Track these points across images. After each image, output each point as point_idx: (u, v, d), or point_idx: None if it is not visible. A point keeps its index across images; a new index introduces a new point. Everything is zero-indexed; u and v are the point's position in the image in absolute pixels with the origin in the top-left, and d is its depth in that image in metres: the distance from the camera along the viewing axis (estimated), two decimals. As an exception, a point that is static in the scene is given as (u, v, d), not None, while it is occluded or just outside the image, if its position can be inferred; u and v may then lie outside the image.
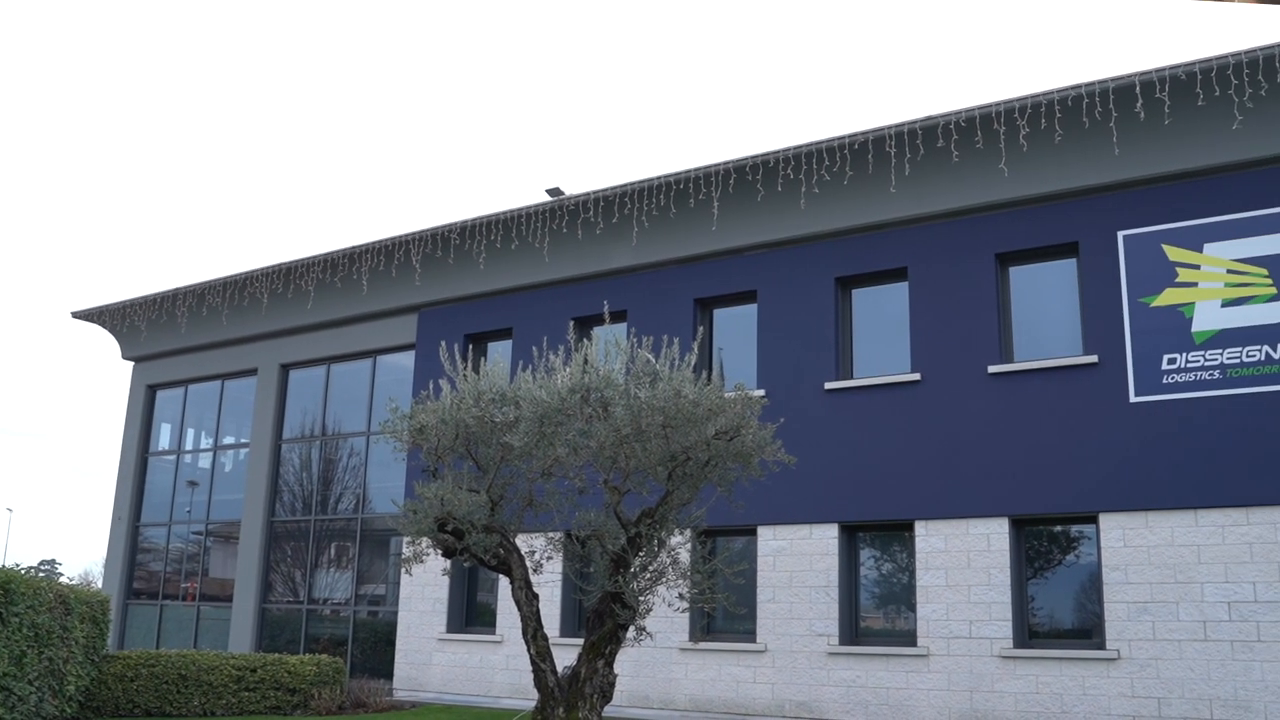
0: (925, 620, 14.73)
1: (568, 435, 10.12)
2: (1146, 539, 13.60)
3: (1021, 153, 14.71)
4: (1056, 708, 13.66)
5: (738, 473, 10.48)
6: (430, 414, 10.60)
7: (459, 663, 18.51)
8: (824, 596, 15.47)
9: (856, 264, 16.38)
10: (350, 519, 21.32)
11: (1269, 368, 13.32)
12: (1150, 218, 14.34)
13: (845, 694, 15.00)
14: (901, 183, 15.56)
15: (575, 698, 10.33)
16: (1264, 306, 13.51)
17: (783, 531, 15.98)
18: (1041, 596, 14.60)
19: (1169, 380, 13.83)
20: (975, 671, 14.23)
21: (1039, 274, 15.31)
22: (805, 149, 15.83)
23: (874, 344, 16.27)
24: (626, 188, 17.37)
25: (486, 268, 19.37)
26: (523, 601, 10.69)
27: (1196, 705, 12.95)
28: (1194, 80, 13.53)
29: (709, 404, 9.89)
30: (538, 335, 16.32)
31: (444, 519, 10.43)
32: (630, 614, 10.30)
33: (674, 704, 16.21)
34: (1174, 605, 13.30)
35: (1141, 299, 14.19)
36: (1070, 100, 14.19)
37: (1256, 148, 13.71)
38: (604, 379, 10.27)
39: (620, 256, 18.18)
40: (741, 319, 17.37)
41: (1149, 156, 14.28)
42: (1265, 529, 12.99)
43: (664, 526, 10.52)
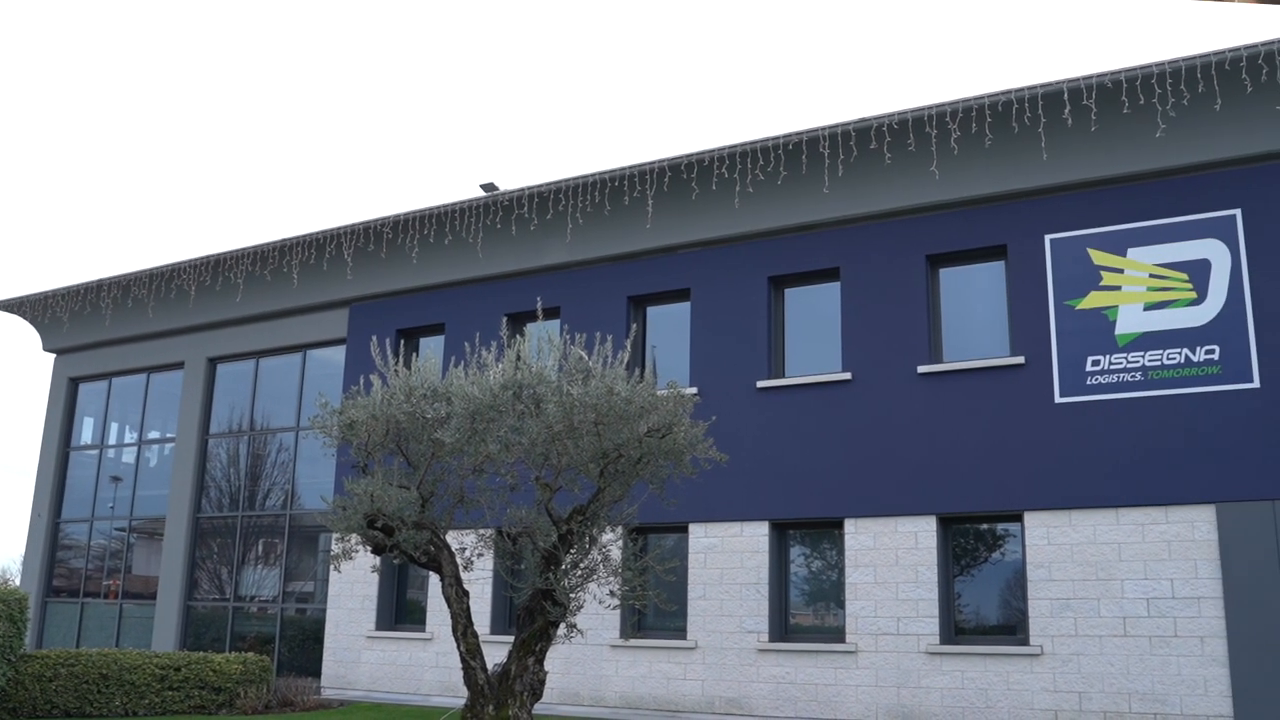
0: (854, 617, 14.89)
1: (499, 432, 10.07)
2: (1069, 537, 13.87)
3: (952, 156, 14.91)
4: (981, 703, 13.89)
5: (669, 470, 10.50)
6: (361, 409, 10.49)
7: (388, 660, 18.36)
8: (754, 594, 15.57)
9: (789, 263, 16.50)
10: (278, 515, 21.05)
11: (1188, 370, 13.64)
12: (1076, 222, 14.62)
13: (774, 690, 15.11)
14: (834, 183, 15.69)
15: (505, 695, 10.29)
16: (1184, 311, 13.83)
17: (714, 529, 16.06)
18: (968, 593, 14.82)
19: (1093, 381, 14.11)
20: (902, 667, 14.41)
21: (968, 275, 15.54)
22: (740, 148, 15.91)
23: (806, 343, 16.40)
24: (561, 184, 17.33)
25: (419, 262, 19.23)
26: (453, 599, 10.63)
27: (1116, 699, 13.23)
28: (1119, 88, 13.81)
29: (641, 401, 9.90)
30: (470, 331, 16.24)
31: (374, 515, 10.33)
32: (561, 611, 10.28)
33: (605, 701, 16.22)
34: (1095, 602, 13.58)
35: (1067, 301, 14.46)
36: (1000, 105, 14.41)
37: (1178, 155, 14.03)
38: (536, 375, 10.23)
39: (554, 253, 18.14)
40: (675, 317, 17.42)
41: (1076, 162, 14.55)
42: (1183, 527, 13.31)
43: (595, 523, 10.52)
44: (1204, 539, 13.20)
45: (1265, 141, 13.64)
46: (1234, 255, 13.71)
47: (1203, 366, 13.60)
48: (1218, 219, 13.89)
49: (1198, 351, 13.67)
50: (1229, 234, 13.79)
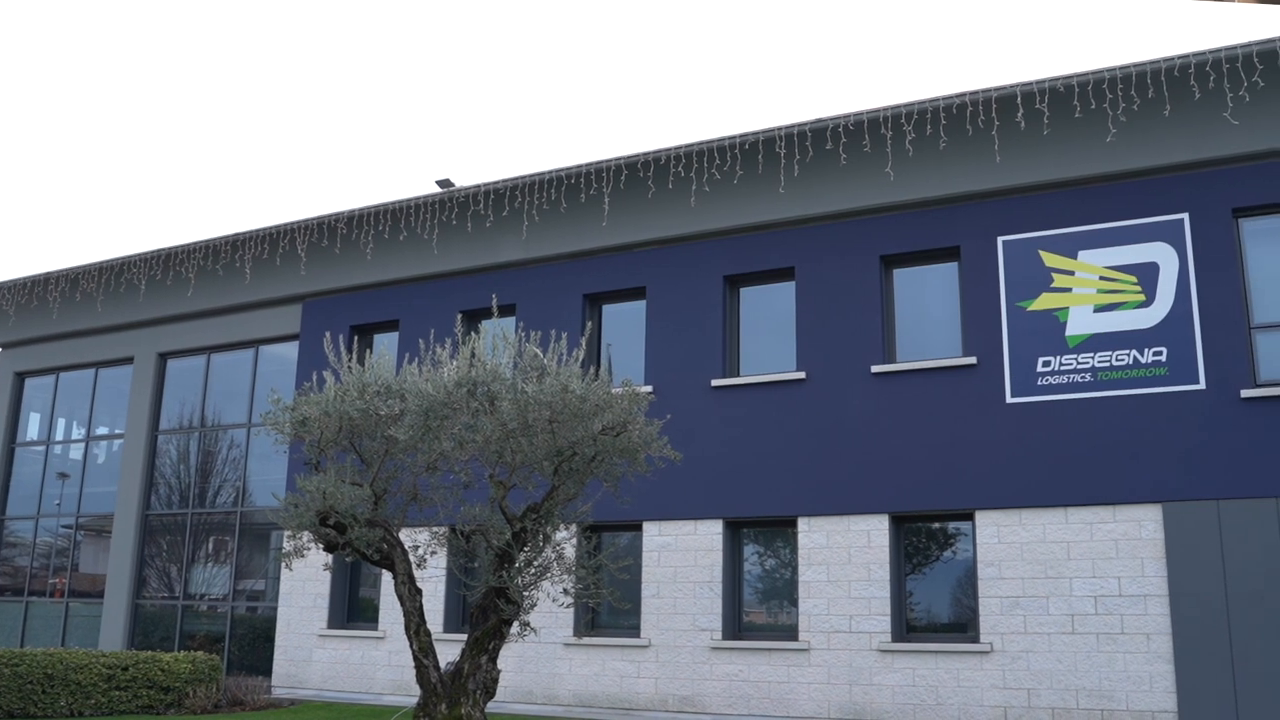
0: (807, 615, 14.97)
1: (453, 429, 10.04)
2: (1020, 535, 14.02)
3: (907, 157, 15.02)
4: (932, 699, 14.01)
5: (624, 468, 10.51)
6: (313, 406, 10.41)
7: (340, 659, 18.23)
8: (708, 592, 15.61)
9: (745, 263, 16.55)
10: (229, 512, 20.84)
11: (1136, 371, 13.84)
12: (1028, 224, 14.78)
13: (727, 688, 15.16)
14: (790, 184, 15.76)
15: (458, 693, 10.25)
16: (1133, 313, 14.02)
17: (668, 527, 16.08)
18: (919, 591, 14.94)
19: (1043, 382, 14.27)
20: (854, 665, 14.51)
21: (922, 276, 15.67)
22: (696, 148, 15.94)
23: (761, 342, 16.47)
24: (517, 181, 17.28)
25: (374, 258, 19.10)
26: (406, 597, 10.58)
27: (1064, 695, 13.40)
28: (1071, 93, 13.97)
29: (596, 399, 9.89)
30: (425, 328, 16.15)
31: (326, 513, 10.26)
32: (514, 609, 10.26)
33: (558, 699, 16.20)
34: (1044, 600, 13.73)
35: (1019, 303, 14.61)
36: (954, 108, 14.54)
37: (1129, 160, 14.23)
38: (491, 373, 10.20)
39: (510, 250, 18.08)
40: (630, 315, 17.42)
41: (1028, 165, 14.71)
42: (1130, 526, 13.50)
43: (549, 521, 10.51)
44: (1150, 538, 13.40)
45: (1212, 147, 13.86)
46: (1181, 259, 13.92)
47: (1150, 368, 13.79)
48: (1166, 223, 14.09)
49: (1146, 353, 13.86)
50: (1177, 238, 14.00)
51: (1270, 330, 13.60)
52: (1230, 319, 13.59)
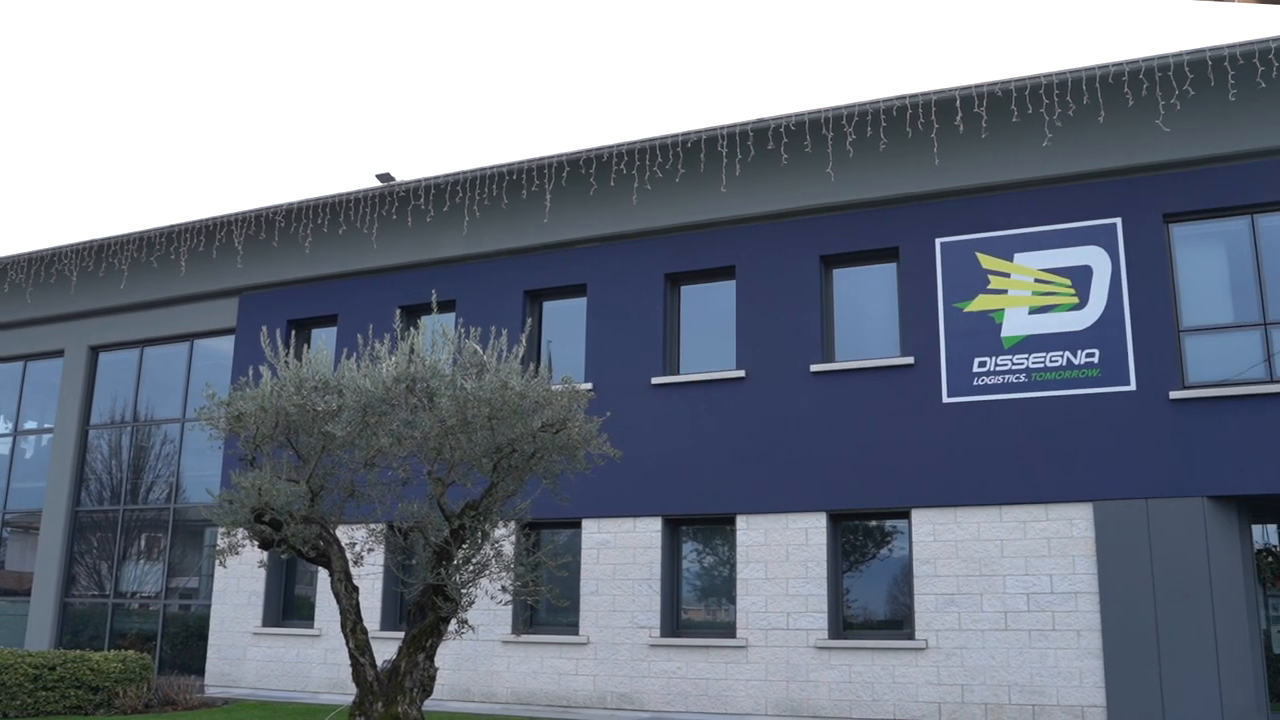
0: (745, 612, 15.04)
1: (392, 425, 9.96)
2: (955, 534, 14.21)
3: (848, 158, 15.15)
4: (868, 696, 14.14)
5: (563, 465, 10.49)
6: (249, 401, 10.27)
7: (275, 657, 18.03)
8: (646, 589, 15.63)
9: (686, 261, 16.60)
10: (162, 509, 20.52)
11: (1070, 372, 14.07)
12: (966, 226, 14.97)
13: (666, 685, 15.20)
14: (732, 182, 15.83)
15: (395, 692, 10.18)
16: (1067, 315, 14.26)
17: (607, 524, 16.08)
18: (856, 589, 15.08)
19: (979, 382, 14.46)
20: (792, 662, 14.61)
21: (861, 276, 15.81)
22: (638, 145, 15.95)
23: (701, 340, 16.52)
24: (458, 176, 17.19)
25: (312, 252, 18.90)
26: (342, 594, 10.48)
27: (996, 691, 13.60)
28: (1009, 97, 14.17)
29: (536, 396, 9.87)
30: (363, 323, 16.03)
31: (261, 509, 10.13)
32: (452, 607, 10.21)
33: (495, 697, 16.14)
34: (978, 597, 13.93)
35: (956, 304, 14.80)
36: (895, 110, 14.68)
37: (1064, 164, 14.46)
38: (430, 369, 10.14)
39: (450, 245, 17.98)
40: (571, 312, 17.40)
41: (967, 167, 14.90)
42: (1062, 524, 13.73)
43: (488, 519, 10.46)
44: (1082, 536, 13.64)
45: (1144, 154, 14.14)
46: (1114, 262, 14.18)
47: (1083, 369, 14.04)
48: (1099, 227, 14.35)
49: (1079, 354, 14.10)
50: (1110, 242, 14.26)
51: (1198, 333, 13.90)
52: (1160, 322, 13.87)
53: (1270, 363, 13.54)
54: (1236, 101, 13.51)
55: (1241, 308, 13.94)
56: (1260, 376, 13.53)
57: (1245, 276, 13.97)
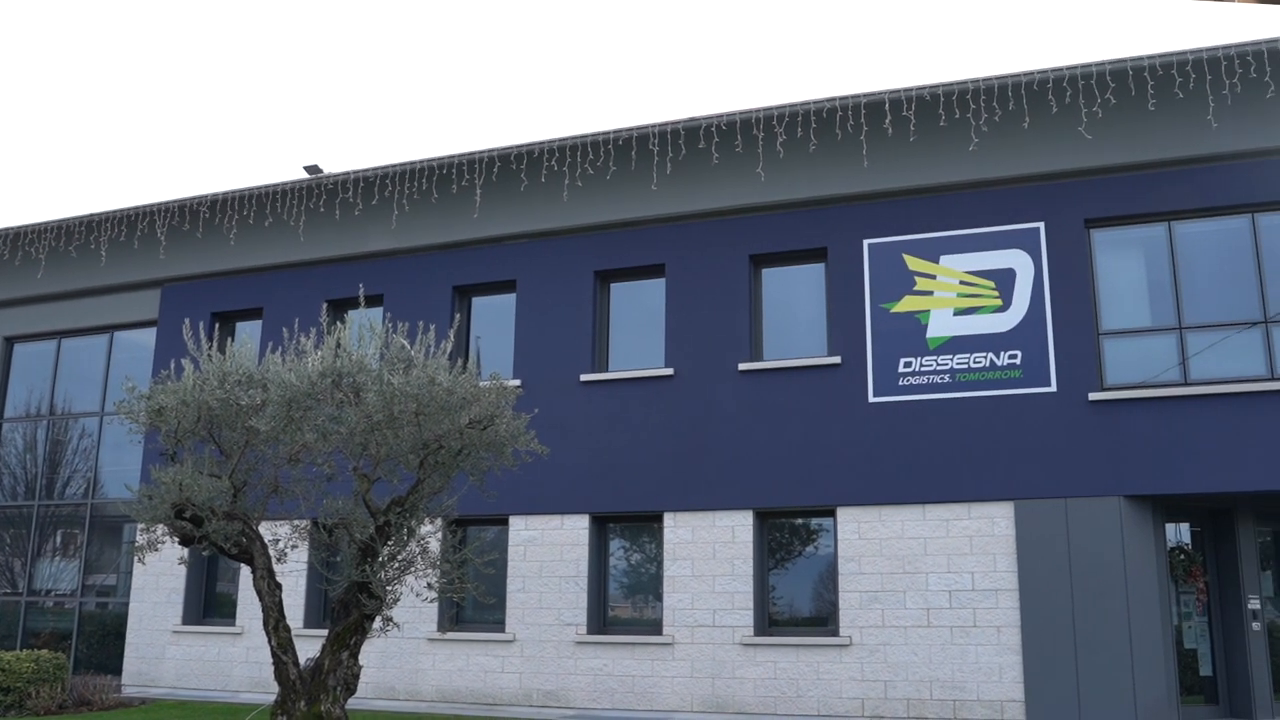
0: (671, 609, 15.10)
1: (317, 420, 9.84)
2: (879, 531, 14.38)
3: (778, 159, 15.25)
4: (792, 692, 14.27)
5: (490, 462, 10.45)
6: (170, 395, 10.10)
7: (195, 656, 17.73)
8: (573, 586, 15.62)
9: (616, 258, 16.61)
10: (79, 505, 20.07)
11: (993, 373, 14.31)
12: (893, 228, 15.15)
13: (592, 682, 15.20)
14: (663, 181, 15.87)
15: (318, 690, 10.07)
16: (991, 316, 14.50)
17: (534, 521, 16.05)
18: (782, 586, 15.21)
19: (904, 382, 14.65)
20: (717, 659, 14.69)
21: (790, 276, 15.93)
22: (570, 141, 15.93)
23: (630, 338, 16.54)
24: (387, 169, 17.03)
25: (237, 244, 18.60)
26: (265, 591, 10.34)
27: (919, 687, 13.79)
28: (937, 101, 14.37)
29: (463, 392, 9.82)
30: (289, 316, 15.82)
31: (182, 505, 9.96)
32: (377, 604, 10.11)
33: (420, 695, 16.03)
34: (902, 594, 14.12)
35: (883, 305, 14.97)
36: (825, 112, 14.81)
37: (989, 169, 14.71)
38: (356, 364, 10.04)
39: (379, 239, 17.81)
40: (500, 308, 17.33)
41: (894, 170, 15.08)
42: (984, 523, 13.96)
43: (414, 515, 10.38)
44: (1003, 534, 13.88)
45: (1067, 160, 14.42)
46: (1037, 265, 14.45)
47: (1006, 370, 14.28)
48: (1023, 231, 14.61)
49: (1001, 356, 14.35)
50: (1033, 245, 14.52)
51: (1117, 336, 14.22)
52: (1080, 325, 14.16)
53: (1185, 366, 13.89)
54: (1156, 111, 13.83)
55: (1158, 312, 14.29)
56: (1175, 379, 13.87)
57: (1162, 281, 14.32)
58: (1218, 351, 13.82)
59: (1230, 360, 13.81)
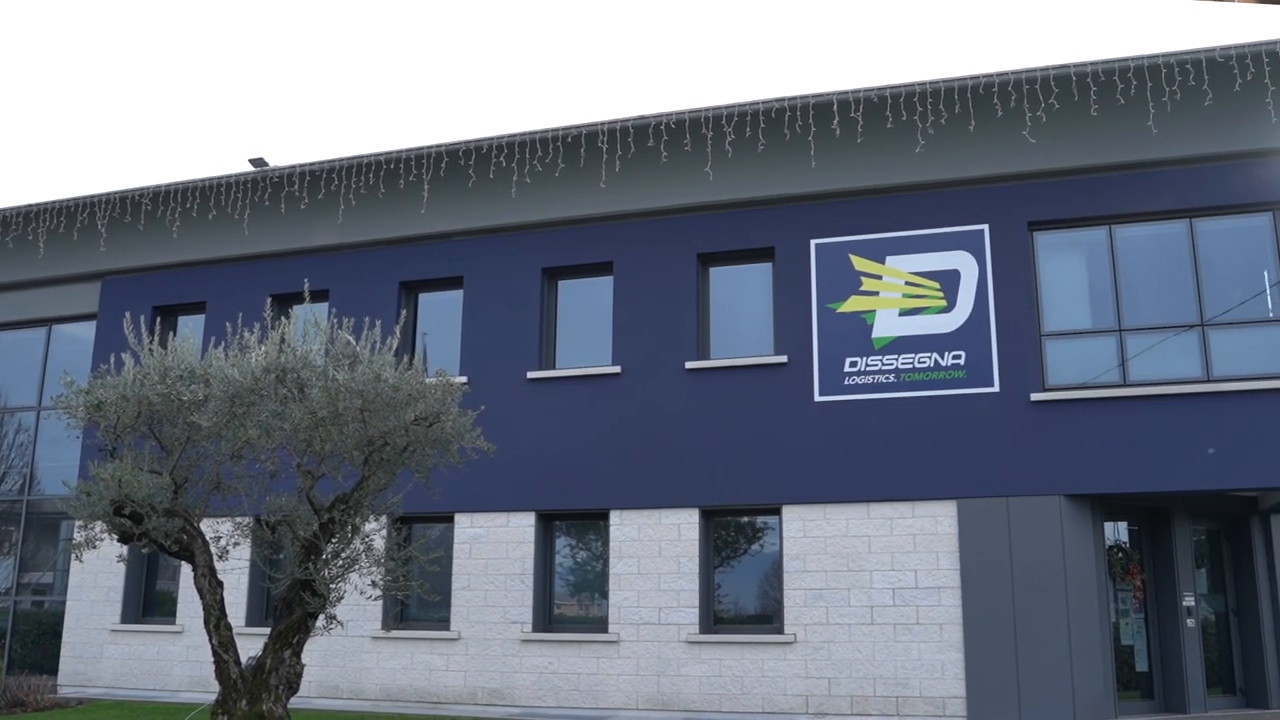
0: (617, 607, 15.11)
1: (260, 416, 9.74)
2: (824, 529, 14.48)
3: (727, 158, 15.30)
4: (737, 689, 14.33)
5: (436, 459, 10.40)
6: (110, 389, 9.94)
7: (134, 655, 17.47)
8: (519, 584, 15.59)
9: (564, 256, 16.59)
10: (15, 501, 19.71)
11: (937, 373, 14.46)
12: (840, 228, 15.26)
13: (537, 680, 15.17)
14: (611, 179, 15.86)
15: (259, 689, 9.96)
16: (935, 317, 14.65)
17: (480, 519, 15.99)
18: (727, 584, 15.27)
19: (850, 382, 14.76)
20: (663, 656, 14.72)
21: (737, 275, 16.00)
22: (519, 138, 15.88)
23: (577, 335, 16.53)
24: (334, 163, 16.87)
25: (180, 237, 18.35)
26: (206, 589, 10.21)
27: (862, 684, 13.91)
28: (885, 103, 14.49)
29: (409, 389, 9.76)
30: (233, 311, 15.61)
31: (121, 502, 9.81)
32: (320, 602, 10.02)
33: (364, 693, 15.91)
34: (846, 592, 14.23)
35: (829, 304, 15.08)
36: (774, 112, 14.88)
37: (935, 171, 14.86)
38: (301, 359, 9.94)
39: (325, 234, 17.64)
40: (447, 304, 17.24)
41: (842, 171, 15.19)
42: (927, 521, 14.11)
43: (359, 512, 10.30)
44: (946, 532, 14.04)
45: (1012, 163, 14.61)
46: (981, 267, 14.62)
47: (950, 370, 14.44)
48: (968, 233, 14.78)
49: (946, 356, 14.50)
50: (977, 247, 14.69)
51: (1058, 338, 14.43)
52: (1023, 326, 14.35)
53: (1125, 367, 14.12)
54: (1098, 116, 14.04)
55: (1099, 314, 14.52)
56: (1115, 380, 14.10)
57: (1103, 284, 14.55)
58: (1156, 354, 14.07)
59: (1168, 362, 14.06)
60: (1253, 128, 13.96)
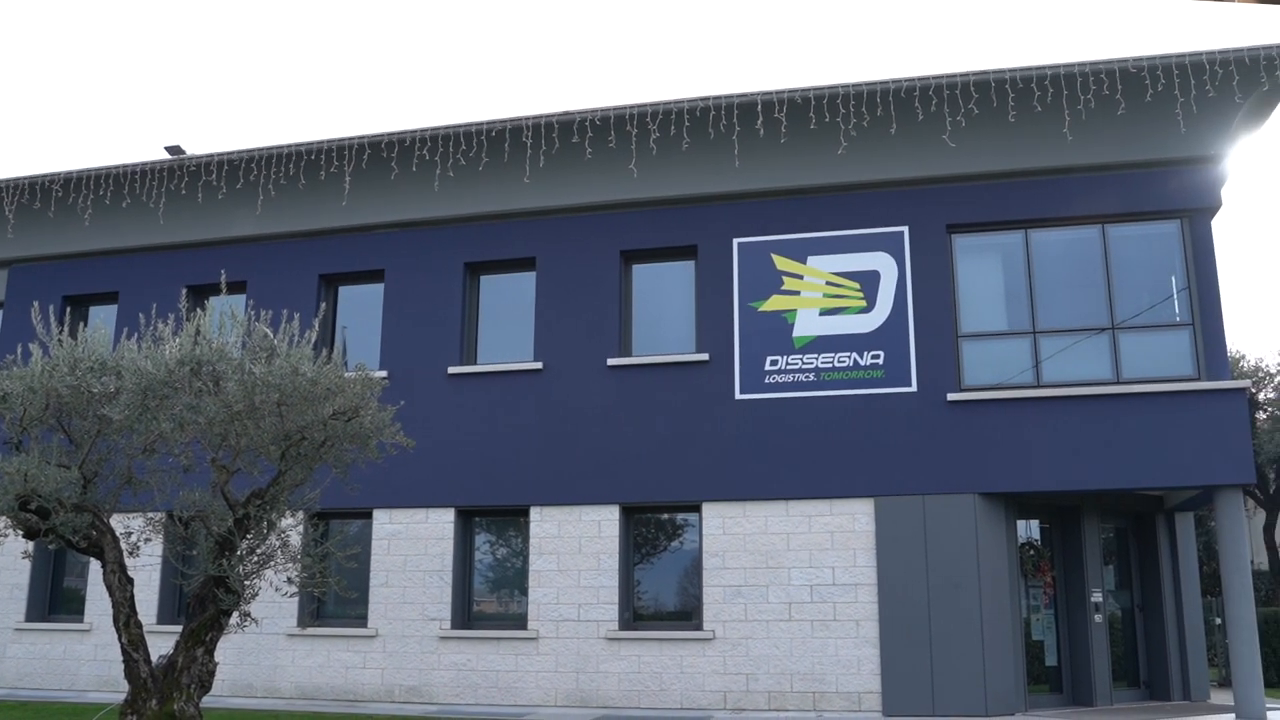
0: (536, 604, 15.07)
1: (174, 409, 9.54)
2: (743, 527, 14.59)
3: (651, 156, 15.34)
4: (656, 686, 14.38)
5: (355, 454, 10.27)
6: (16, 381, 9.66)
7: (39, 654, 17.03)
8: (438, 581, 15.48)
9: (486, 251, 16.50)
10: (-86, 494, 19.06)
11: (856, 373, 14.64)
12: (763, 228, 15.38)
13: (455, 677, 15.09)
14: (535, 174, 15.81)
15: (170, 688, 9.76)
16: (855, 317, 14.83)
17: (399, 515, 15.85)
18: (647, 581, 15.31)
19: (770, 380, 14.89)
20: (582, 653, 14.72)
21: (660, 273, 16.04)
22: (442, 131, 15.75)
23: (499, 331, 16.45)
24: (253, 153, 16.59)
25: (92, 225, 17.90)
26: (115, 587, 9.98)
27: (779, 680, 14.04)
28: (808, 104, 14.62)
29: (328, 383, 9.62)
30: (147, 302, 15.26)
31: (27, 496, 9.54)
32: (234, 599, 9.85)
33: (279, 692, 15.69)
34: (764, 588, 14.35)
35: (751, 303, 15.19)
36: (698, 111, 14.94)
37: (857, 172, 15.04)
38: (217, 352, 9.75)
39: (243, 224, 17.34)
40: (367, 298, 17.04)
41: (765, 171, 15.30)
42: (845, 519, 14.28)
43: (275, 508, 10.13)
44: (863, 530, 14.22)
45: (931, 167, 14.85)
46: (900, 269, 14.83)
47: (869, 370, 14.62)
48: (888, 234, 14.98)
49: (865, 356, 14.68)
50: (897, 249, 14.90)
51: (975, 339, 14.69)
52: (941, 327, 14.59)
53: (1038, 369, 14.41)
54: (1016, 123, 14.31)
55: (1014, 316, 14.81)
56: (1029, 381, 14.39)
57: (1018, 287, 14.84)
58: (1069, 356, 14.38)
59: (1080, 364, 14.39)
60: (1163, 137, 14.35)
